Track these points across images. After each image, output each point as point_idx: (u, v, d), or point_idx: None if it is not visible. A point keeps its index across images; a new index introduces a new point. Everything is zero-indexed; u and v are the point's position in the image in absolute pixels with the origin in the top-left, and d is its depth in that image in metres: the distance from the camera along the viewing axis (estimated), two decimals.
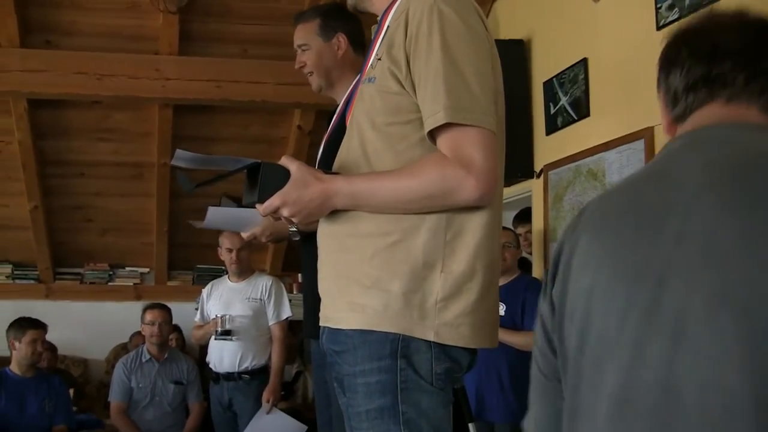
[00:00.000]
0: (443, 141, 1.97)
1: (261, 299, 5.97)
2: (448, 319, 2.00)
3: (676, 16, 4.07)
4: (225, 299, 5.99)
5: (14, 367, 5.84)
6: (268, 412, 5.72)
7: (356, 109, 2.17)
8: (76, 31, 6.28)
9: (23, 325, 5.89)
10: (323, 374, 3.13)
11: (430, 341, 1.99)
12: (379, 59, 2.08)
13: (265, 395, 5.75)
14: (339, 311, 2.10)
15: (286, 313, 6.03)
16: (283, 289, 6.15)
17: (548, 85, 5.37)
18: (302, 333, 7.20)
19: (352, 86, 3.14)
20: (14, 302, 7.74)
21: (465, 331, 2.01)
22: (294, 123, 7.04)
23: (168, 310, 6.43)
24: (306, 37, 3.28)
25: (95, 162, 7.28)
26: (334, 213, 2.11)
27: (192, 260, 8.19)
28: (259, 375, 5.86)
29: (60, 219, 7.69)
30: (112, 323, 7.88)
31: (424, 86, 1.98)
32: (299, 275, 8.07)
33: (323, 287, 2.21)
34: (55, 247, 7.89)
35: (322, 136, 7.18)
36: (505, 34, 5.87)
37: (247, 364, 5.85)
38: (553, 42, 5.40)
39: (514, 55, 5.63)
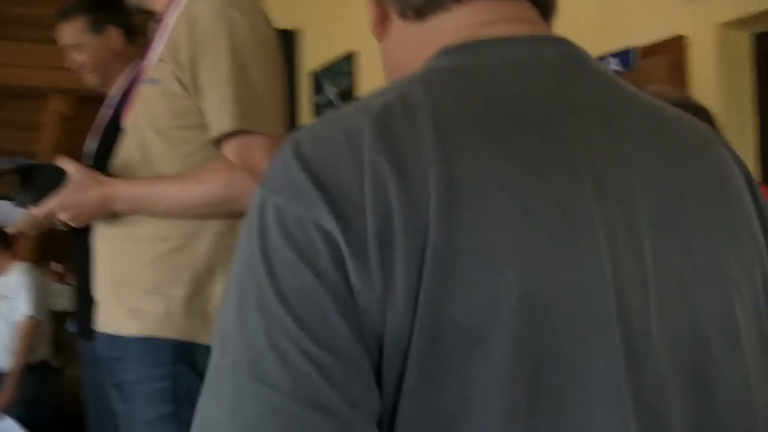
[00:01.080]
0: (230, 148, 1.95)
1: (9, 296, 5.71)
2: None
3: None
4: None
5: None
6: None
7: (136, 111, 2.10)
8: None
9: None
10: (95, 374, 3.03)
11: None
12: (163, 61, 2.02)
13: None
14: (118, 317, 2.04)
15: (26, 310, 5.74)
16: (33, 282, 5.86)
17: (316, 76, 5.41)
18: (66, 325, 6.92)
19: (127, 81, 3.06)
20: None
21: None
22: (50, 108, 6.75)
23: None
24: (76, 35, 3.14)
25: None
26: (115, 216, 2.04)
27: None
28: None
29: None
30: None
31: (210, 92, 1.95)
32: (56, 264, 7.76)
33: (100, 292, 2.14)
34: None
35: (83, 123, 6.93)
36: (275, 23, 5.84)
37: None
38: (323, 34, 5.44)
39: (283, 45, 5.60)
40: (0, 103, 6.74)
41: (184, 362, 1.95)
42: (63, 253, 7.77)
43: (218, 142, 1.96)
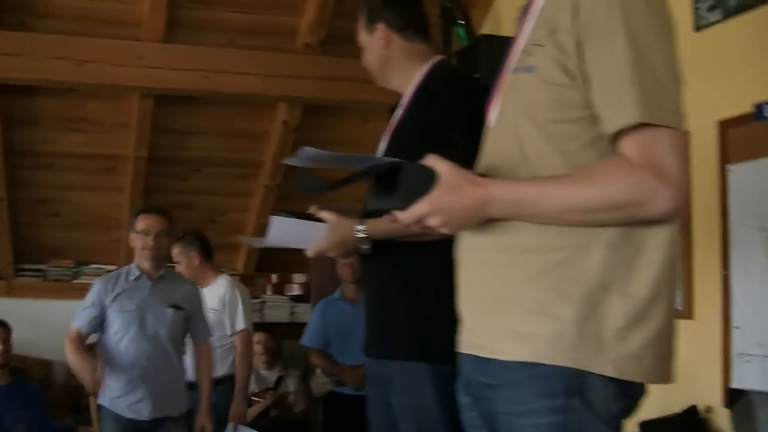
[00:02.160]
0: (630, 143, 1.69)
1: (217, 309, 5.69)
2: (629, 350, 1.72)
3: (719, 18, 3.85)
4: None
5: None
6: None
7: (507, 103, 1.88)
8: (53, 12, 5.87)
9: None
10: (381, 395, 2.86)
11: (608, 377, 1.72)
12: (540, 46, 1.80)
13: (230, 417, 5.51)
14: (494, 339, 1.82)
15: (241, 323, 5.72)
16: (242, 294, 5.84)
17: None
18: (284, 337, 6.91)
19: (419, 79, 2.88)
20: None
21: (648, 365, 1.74)
22: (279, 118, 6.71)
23: (168, 217, 5.01)
24: (360, 33, 3.00)
25: (65, 153, 6.84)
26: (487, 223, 1.83)
27: None
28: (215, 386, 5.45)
29: (24, 213, 7.22)
30: None
31: (604, 79, 1.71)
32: (273, 276, 7.78)
33: (468, 309, 1.94)
34: (17, 242, 7.41)
35: (308, 133, 6.96)
36: (509, 31, 5.65)
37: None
38: None
39: None
40: (234, 112, 6.75)
41: (576, 394, 1.72)
42: (279, 263, 7.83)
43: (615, 137, 1.71)
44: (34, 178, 7.02)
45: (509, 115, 1.87)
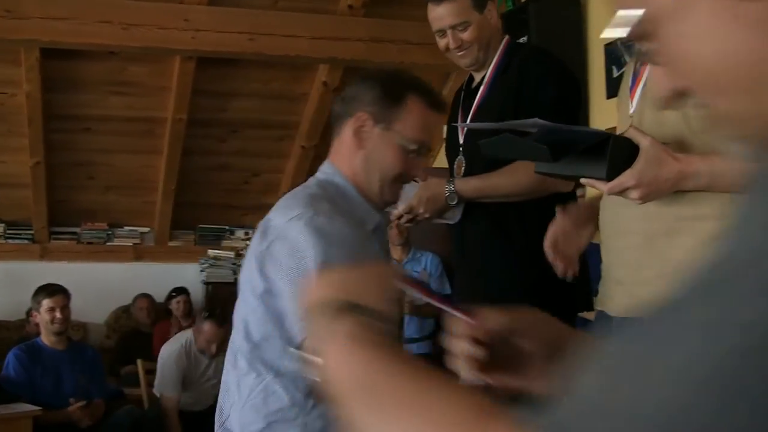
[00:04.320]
0: None
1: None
2: None
3: None
4: None
5: (44, 338, 5.48)
6: None
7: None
8: None
9: (39, 293, 5.55)
10: None
11: None
12: None
13: None
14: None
15: None
16: None
17: (611, 47, 5.17)
18: None
19: (499, 59, 3.05)
20: (6, 263, 7.34)
21: None
22: (318, 79, 6.69)
23: None
24: (463, 14, 3.05)
25: (104, 117, 6.82)
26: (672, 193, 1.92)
27: (195, 220, 7.80)
28: None
29: (60, 176, 7.21)
30: (112, 285, 7.48)
31: None
32: None
33: (637, 275, 2.02)
34: (52, 205, 7.40)
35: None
36: None
37: None
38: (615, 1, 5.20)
39: (569, 14, 5.46)
40: (274, 74, 6.72)
41: None
42: None
43: None
44: (71, 142, 7.00)
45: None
